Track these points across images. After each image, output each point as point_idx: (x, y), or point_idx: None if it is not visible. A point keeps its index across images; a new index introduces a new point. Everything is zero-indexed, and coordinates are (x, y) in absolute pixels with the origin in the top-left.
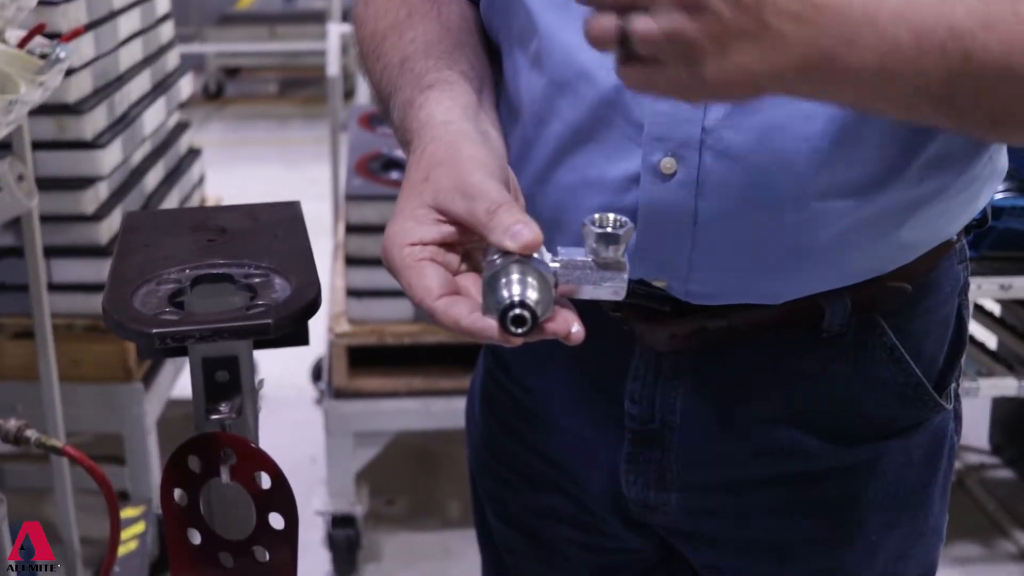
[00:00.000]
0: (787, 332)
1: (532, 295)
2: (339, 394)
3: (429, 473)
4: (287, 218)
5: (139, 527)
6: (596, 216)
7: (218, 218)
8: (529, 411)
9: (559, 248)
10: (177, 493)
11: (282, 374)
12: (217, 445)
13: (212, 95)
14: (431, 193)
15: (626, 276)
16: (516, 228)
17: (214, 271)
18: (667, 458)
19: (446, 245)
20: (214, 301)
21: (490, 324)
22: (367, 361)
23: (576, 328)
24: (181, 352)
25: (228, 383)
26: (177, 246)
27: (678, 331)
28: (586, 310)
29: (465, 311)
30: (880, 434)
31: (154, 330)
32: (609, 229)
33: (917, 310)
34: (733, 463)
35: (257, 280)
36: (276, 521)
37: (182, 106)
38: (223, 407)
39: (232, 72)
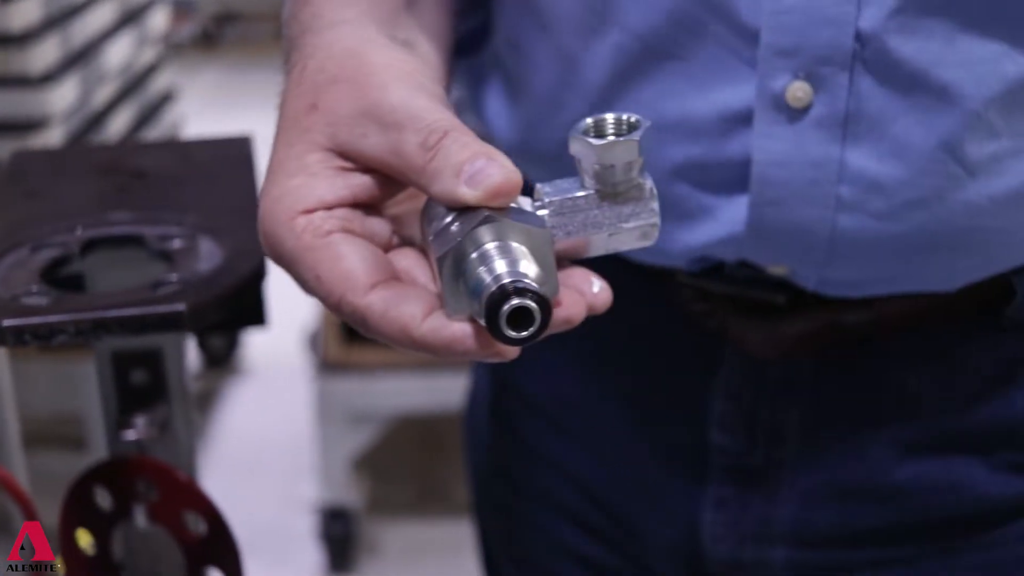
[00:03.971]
0: (955, 322)
1: (530, 269)
2: (331, 368)
3: (434, 455)
4: (231, 159)
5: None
6: (587, 122)
7: (137, 158)
8: (562, 428)
9: (538, 185)
10: (81, 537)
11: (271, 341)
12: (132, 474)
13: (207, 42)
14: (324, 127)
15: (655, 207)
16: (476, 165)
17: (116, 231)
18: (774, 503)
19: (362, 206)
20: (114, 275)
21: (462, 330)
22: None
23: (597, 285)
24: (80, 344)
25: (148, 387)
26: (72, 196)
27: (795, 330)
28: (645, 295)
29: (419, 311)
30: None
31: (6, 322)
32: (612, 135)
33: None
34: (867, 506)
35: (177, 244)
36: None
37: (173, 47)
38: (140, 421)
39: (228, 18)
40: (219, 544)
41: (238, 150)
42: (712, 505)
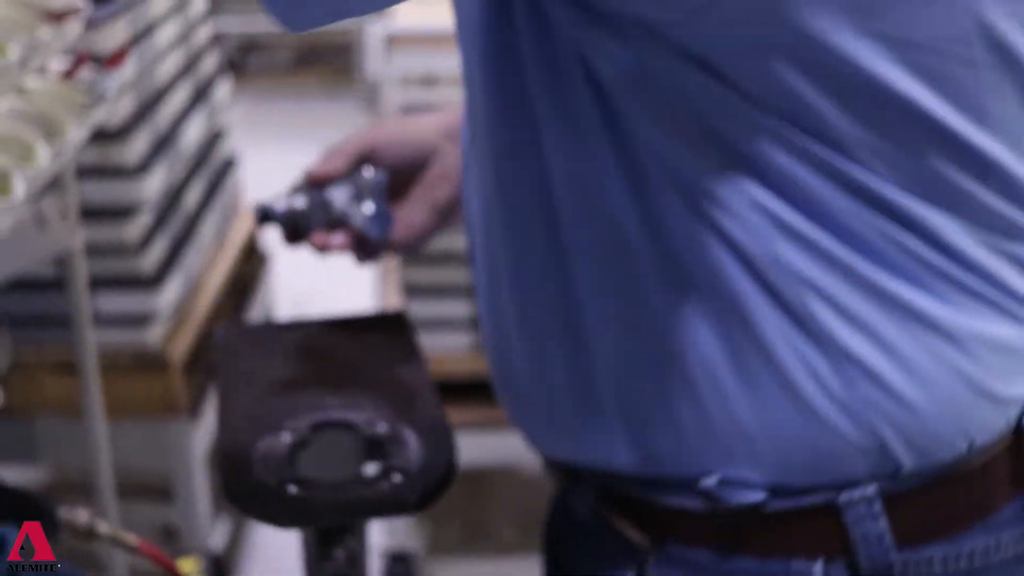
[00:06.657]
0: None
1: (299, 202)
2: None
3: (480, 497)
4: (395, 336)
5: None
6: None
7: (319, 338)
8: None
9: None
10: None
11: None
12: None
13: (232, 71)
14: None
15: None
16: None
17: (334, 418)
18: None
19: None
20: (332, 460)
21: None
22: None
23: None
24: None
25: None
26: (282, 377)
27: None
28: None
29: None
30: None
31: (286, 515)
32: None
33: None
34: None
35: (382, 429)
36: None
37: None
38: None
39: (252, 47)
40: None
41: (397, 326)
42: None
